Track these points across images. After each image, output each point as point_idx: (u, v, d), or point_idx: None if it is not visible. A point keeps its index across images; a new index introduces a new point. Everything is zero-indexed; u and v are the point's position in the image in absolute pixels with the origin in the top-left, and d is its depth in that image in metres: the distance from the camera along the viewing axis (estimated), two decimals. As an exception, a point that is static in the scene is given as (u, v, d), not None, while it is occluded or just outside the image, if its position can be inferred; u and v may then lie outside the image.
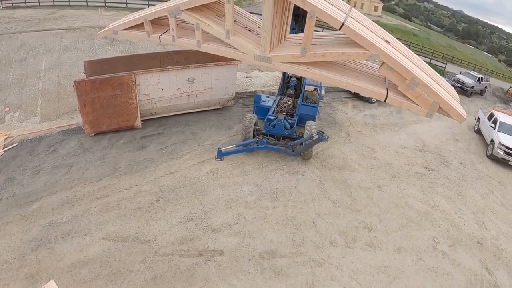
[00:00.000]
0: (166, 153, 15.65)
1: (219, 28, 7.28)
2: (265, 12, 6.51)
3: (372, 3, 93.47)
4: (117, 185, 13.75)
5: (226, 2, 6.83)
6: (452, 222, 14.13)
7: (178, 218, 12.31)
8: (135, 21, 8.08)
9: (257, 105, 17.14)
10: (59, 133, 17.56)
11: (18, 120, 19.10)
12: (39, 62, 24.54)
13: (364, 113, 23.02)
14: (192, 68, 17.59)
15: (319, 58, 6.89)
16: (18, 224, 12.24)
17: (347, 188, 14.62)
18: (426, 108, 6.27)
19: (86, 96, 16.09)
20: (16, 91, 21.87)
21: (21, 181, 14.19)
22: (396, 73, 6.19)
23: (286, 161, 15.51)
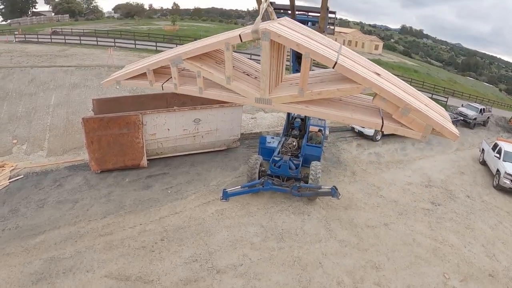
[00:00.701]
0: (171, 193, 15.64)
1: (220, 75, 7.42)
2: (263, 57, 6.72)
3: (373, 42, 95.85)
4: (122, 223, 13.67)
5: (225, 50, 7.01)
6: (462, 256, 13.93)
7: (183, 258, 12.15)
8: (137, 71, 8.20)
9: (262, 146, 17.32)
10: (65, 168, 17.65)
11: (25, 152, 19.25)
12: (49, 97, 24.95)
13: (368, 151, 23.17)
14: (198, 110, 17.88)
15: (316, 96, 7.23)
16: (20, 256, 12.10)
17: (353, 228, 14.54)
18: (420, 131, 6.54)
19: (93, 133, 16.30)
20: (25, 124, 22.15)
21: (25, 213, 14.14)
22: (389, 102, 6.57)
23: (291, 202, 15.50)
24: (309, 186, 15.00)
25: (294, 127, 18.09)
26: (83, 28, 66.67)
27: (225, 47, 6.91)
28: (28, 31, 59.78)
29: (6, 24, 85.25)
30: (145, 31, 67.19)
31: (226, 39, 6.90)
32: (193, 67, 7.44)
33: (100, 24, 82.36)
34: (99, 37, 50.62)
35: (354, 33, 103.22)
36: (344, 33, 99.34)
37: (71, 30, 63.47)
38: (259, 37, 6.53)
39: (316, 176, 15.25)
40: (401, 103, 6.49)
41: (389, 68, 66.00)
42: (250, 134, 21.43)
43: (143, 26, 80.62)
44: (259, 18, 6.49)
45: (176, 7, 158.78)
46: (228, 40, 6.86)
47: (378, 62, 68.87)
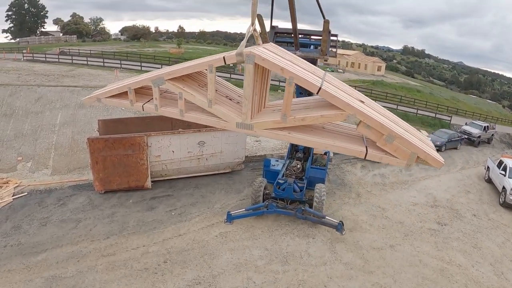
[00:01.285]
0: (175, 215, 15.55)
1: (202, 97, 7.33)
2: (246, 80, 6.69)
3: (375, 64, 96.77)
4: (125, 244, 13.57)
5: (208, 72, 6.92)
6: (470, 276, 13.70)
7: (186, 281, 11.97)
8: (118, 89, 8.05)
9: (267, 169, 17.34)
10: (69, 188, 17.66)
11: (29, 170, 19.29)
12: (55, 116, 25.16)
13: (373, 172, 23.12)
14: (202, 132, 17.94)
15: (299, 122, 7.25)
16: (21, 273, 11.99)
17: (359, 250, 14.39)
18: (405, 159, 6.51)
19: (98, 153, 16.37)
20: (30, 142, 22.28)
21: (28, 231, 14.08)
22: (373, 129, 6.55)
23: (296, 225, 15.38)
24: (314, 213, 14.97)
25: (298, 149, 18.14)
26: (90, 49, 67.64)
27: (208, 69, 6.85)
28: (36, 50, 60.68)
29: (15, 43, 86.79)
30: (151, 53, 68.09)
31: (210, 61, 6.87)
32: (175, 88, 7.38)
33: (107, 46, 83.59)
34: (105, 59, 51.34)
35: (356, 55, 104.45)
36: (346, 55, 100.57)
37: (79, 50, 64.45)
38: (243, 60, 6.50)
39: (320, 199, 15.23)
40: (385, 130, 6.54)
41: (392, 88, 66.68)
42: (254, 157, 21.47)
43: (149, 49, 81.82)
44: (244, 41, 6.49)
45: (181, 30, 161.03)
46: (212, 62, 6.80)
47: (381, 83, 69.71)
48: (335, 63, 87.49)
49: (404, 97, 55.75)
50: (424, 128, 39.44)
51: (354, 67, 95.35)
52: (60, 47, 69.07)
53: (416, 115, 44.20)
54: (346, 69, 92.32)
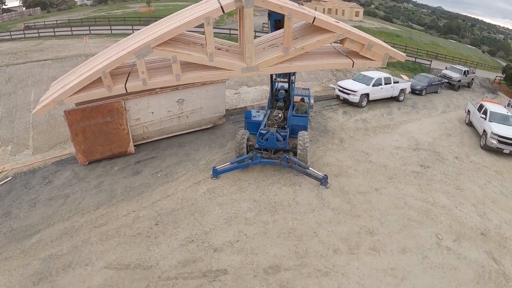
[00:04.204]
0: (161, 177, 15.50)
1: (200, 54, 7.26)
2: (248, 24, 6.84)
3: (353, 9, 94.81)
4: (115, 213, 13.56)
5: (205, 25, 6.79)
6: (454, 217, 14.07)
7: (179, 240, 12.12)
8: (89, 78, 7.31)
9: (248, 120, 17.12)
10: (53, 164, 17.39)
11: (10, 153, 18.88)
12: (28, 94, 24.45)
13: (355, 118, 23.10)
14: (180, 90, 17.55)
15: (299, 51, 8.02)
16: (18, 259, 11.99)
17: (345, 195, 14.56)
18: (380, 60, 8.36)
19: (77, 125, 16.02)
20: (7, 124, 21.68)
21: (18, 215, 13.95)
22: (356, 42, 7.96)
23: (282, 174, 15.43)
24: (298, 163, 14.92)
25: (279, 99, 17.84)
26: (56, 19, 65.32)
27: (206, 22, 6.71)
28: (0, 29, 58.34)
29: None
30: (120, 15, 65.97)
31: (206, 13, 6.70)
32: (165, 53, 7.10)
33: (74, 14, 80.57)
34: (73, 27, 49.60)
35: (333, 0, 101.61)
36: (323, 1, 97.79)
37: (44, 22, 62.28)
38: (242, 5, 6.70)
39: (304, 146, 15.15)
40: (366, 41, 8.00)
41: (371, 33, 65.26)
42: (235, 110, 21.22)
43: (118, 11, 79.05)
44: None
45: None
46: (209, 14, 6.68)
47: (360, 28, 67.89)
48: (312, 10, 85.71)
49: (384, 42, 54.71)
50: (404, 73, 39.18)
51: (332, 13, 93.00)
52: (25, 22, 66.41)
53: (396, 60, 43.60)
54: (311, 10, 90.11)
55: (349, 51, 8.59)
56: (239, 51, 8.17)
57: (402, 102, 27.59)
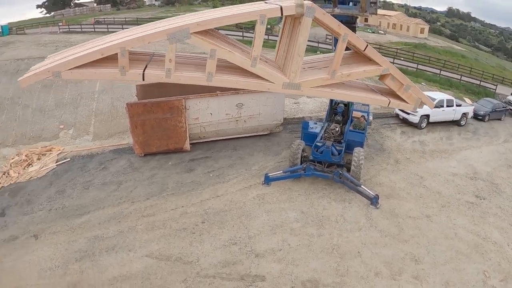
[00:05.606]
0: (213, 177, 16.17)
1: (243, 55, 6.62)
2: (303, 35, 6.50)
3: (418, 25, 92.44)
4: (164, 205, 14.36)
5: (258, 23, 6.20)
6: (505, 255, 13.53)
7: (222, 241, 12.62)
8: (101, 52, 6.19)
9: (305, 131, 17.39)
10: (110, 152, 18.73)
11: (71, 137, 20.46)
12: (93, 84, 26.12)
13: (413, 139, 22.75)
14: (241, 94, 18.24)
15: (345, 78, 7.59)
16: (65, 235, 13.11)
17: (394, 218, 14.48)
18: (413, 104, 8.22)
19: (137, 118, 17.12)
20: (71, 110, 23.44)
21: (71, 194, 15.15)
22: (397, 81, 7.83)
23: (333, 188, 15.58)
24: (351, 179, 15.05)
25: (337, 112, 18.03)
26: (125, 17, 68.45)
27: (259, 20, 6.20)
28: (71, 22, 62.20)
29: (50, 16, 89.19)
30: (188, 17, 68.04)
31: (263, 10, 6.23)
32: (205, 44, 6.31)
33: (142, 13, 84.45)
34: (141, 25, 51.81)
35: (398, 15, 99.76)
36: (388, 16, 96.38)
37: (114, 19, 65.46)
38: (303, 12, 6.23)
39: (358, 163, 15.26)
40: (405, 81, 7.89)
41: (436, 52, 63.96)
42: (293, 119, 21.58)
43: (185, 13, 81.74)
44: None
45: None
46: (265, 12, 6.21)
47: (424, 46, 66.93)
48: (376, 24, 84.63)
49: (447, 62, 53.22)
50: (468, 96, 37.86)
51: (396, 28, 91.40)
52: (95, 17, 70.40)
53: (459, 82, 42.23)
54: (388, 30, 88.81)
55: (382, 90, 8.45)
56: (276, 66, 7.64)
57: (463, 127, 26.61)
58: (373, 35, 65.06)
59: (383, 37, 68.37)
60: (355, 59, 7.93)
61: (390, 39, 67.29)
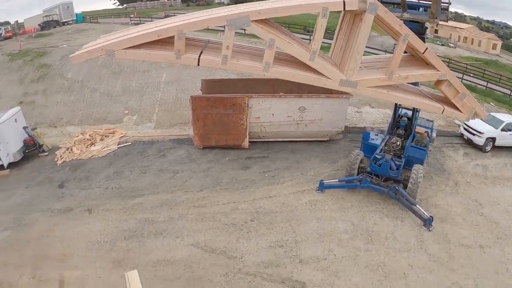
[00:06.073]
0: (268, 177, 16.30)
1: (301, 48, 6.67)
2: (364, 32, 6.47)
3: (491, 41, 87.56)
4: (216, 199, 14.70)
5: (320, 16, 6.16)
6: None
7: (269, 241, 12.71)
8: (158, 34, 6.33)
9: (365, 142, 17.10)
10: (170, 141, 19.48)
11: (135, 122, 21.46)
12: (160, 75, 27.19)
13: (475, 162, 21.65)
14: (304, 98, 18.28)
15: (402, 80, 7.51)
16: (117, 213, 13.90)
17: (446, 243, 13.88)
18: (467, 114, 8.39)
19: (200, 111, 17.64)
20: (137, 97, 24.56)
21: (128, 176, 15.92)
22: (453, 88, 7.88)
23: (387, 204, 15.18)
24: (406, 197, 14.63)
25: (400, 126, 17.56)
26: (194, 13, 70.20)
27: (322, 13, 6.22)
28: (142, 14, 64.75)
29: (122, 8, 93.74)
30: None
31: (325, 3, 6.29)
32: (264, 32, 6.42)
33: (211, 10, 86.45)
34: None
35: (470, 29, 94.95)
36: (459, 28, 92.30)
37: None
38: (365, 8, 6.31)
39: (416, 181, 14.79)
40: (462, 89, 7.98)
41: (508, 71, 60.46)
42: (353, 128, 21.27)
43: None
44: None
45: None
46: (327, 5, 6.26)
47: (496, 63, 63.45)
48: (446, 37, 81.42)
49: None
50: None
51: (467, 42, 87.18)
52: (165, 12, 72.77)
53: None
54: (458, 44, 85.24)
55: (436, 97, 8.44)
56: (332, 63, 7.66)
57: (532, 156, 25.10)
58: (443, 48, 62.70)
59: (453, 51, 65.74)
60: (411, 62, 8.00)
61: (460, 53, 64.66)
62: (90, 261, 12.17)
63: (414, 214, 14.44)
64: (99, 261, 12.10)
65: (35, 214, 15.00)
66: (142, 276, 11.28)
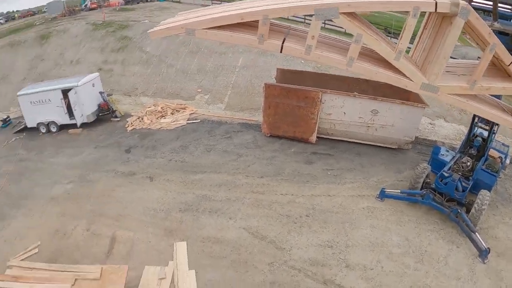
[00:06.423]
0: (330, 175, 16.24)
1: (387, 46, 6.57)
2: (452, 37, 6.29)
3: None
4: (275, 188, 14.89)
5: (410, 16, 6.07)
6: None
7: (320, 240, 12.72)
8: (241, 16, 6.27)
9: (435, 156, 16.46)
10: (238, 124, 19.99)
11: (206, 101, 22.26)
12: (236, 59, 27.73)
13: None
14: (378, 101, 17.84)
15: (484, 91, 7.24)
16: (177, 185, 14.64)
17: (498, 281, 13.04)
18: None
19: (272, 99, 17.83)
20: (211, 78, 25.37)
21: (193, 152, 16.63)
22: None
23: (445, 225, 14.51)
24: (467, 222, 13.98)
25: (473, 145, 16.73)
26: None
27: (412, 12, 6.12)
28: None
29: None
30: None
31: (417, 2, 6.14)
32: (352, 26, 6.33)
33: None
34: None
35: None
36: None
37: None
38: (456, 12, 6.16)
39: (481, 207, 14.03)
40: None
41: None
42: (424, 140, 20.50)
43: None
44: None
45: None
46: (420, 4, 6.12)
47: None
48: None
49: None
50: None
51: None
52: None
53: None
54: None
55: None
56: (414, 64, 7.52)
57: None
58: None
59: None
60: (493, 72, 7.64)
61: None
62: (144, 225, 12.98)
63: (471, 242, 13.77)
64: (152, 227, 12.87)
65: (99, 173, 16.12)
66: (190, 249, 12.00)
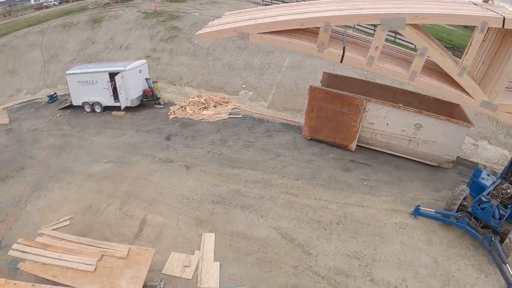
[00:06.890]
0: (366, 186, 16.27)
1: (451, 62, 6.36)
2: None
3: None
4: (309, 192, 15.07)
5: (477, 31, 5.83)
6: None
7: (347, 250, 12.81)
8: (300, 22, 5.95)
9: (475, 179, 16.12)
10: (280, 124, 20.24)
11: (250, 98, 22.64)
12: (283, 59, 27.94)
13: None
14: (423, 115, 17.56)
15: None
16: (212, 177, 15.08)
17: None
18: None
19: (316, 102, 17.98)
20: (257, 75, 25.76)
21: (231, 146, 17.05)
22: None
23: (476, 252, 14.21)
24: (499, 253, 13.63)
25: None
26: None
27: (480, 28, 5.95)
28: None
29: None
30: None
31: (485, 18, 5.95)
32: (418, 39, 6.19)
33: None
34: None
35: None
36: None
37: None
38: None
39: None
40: None
41: None
42: (465, 161, 20.13)
43: None
44: None
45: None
46: (487, 19, 5.92)
47: None
48: None
49: None
50: None
51: None
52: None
53: None
54: None
55: None
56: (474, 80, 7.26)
57: None
58: None
59: None
60: None
61: None
62: (175, 212, 13.50)
63: (501, 274, 13.40)
64: (183, 214, 13.38)
65: (138, 156, 16.80)
66: (218, 241, 12.39)
